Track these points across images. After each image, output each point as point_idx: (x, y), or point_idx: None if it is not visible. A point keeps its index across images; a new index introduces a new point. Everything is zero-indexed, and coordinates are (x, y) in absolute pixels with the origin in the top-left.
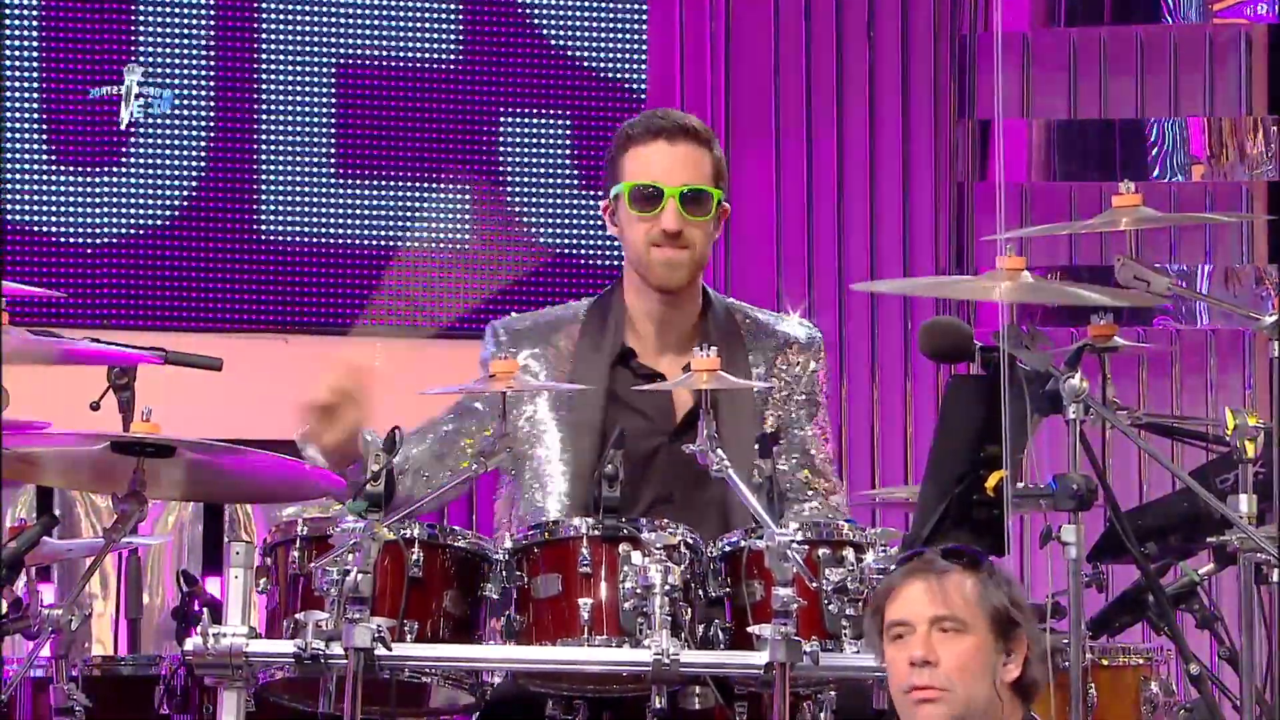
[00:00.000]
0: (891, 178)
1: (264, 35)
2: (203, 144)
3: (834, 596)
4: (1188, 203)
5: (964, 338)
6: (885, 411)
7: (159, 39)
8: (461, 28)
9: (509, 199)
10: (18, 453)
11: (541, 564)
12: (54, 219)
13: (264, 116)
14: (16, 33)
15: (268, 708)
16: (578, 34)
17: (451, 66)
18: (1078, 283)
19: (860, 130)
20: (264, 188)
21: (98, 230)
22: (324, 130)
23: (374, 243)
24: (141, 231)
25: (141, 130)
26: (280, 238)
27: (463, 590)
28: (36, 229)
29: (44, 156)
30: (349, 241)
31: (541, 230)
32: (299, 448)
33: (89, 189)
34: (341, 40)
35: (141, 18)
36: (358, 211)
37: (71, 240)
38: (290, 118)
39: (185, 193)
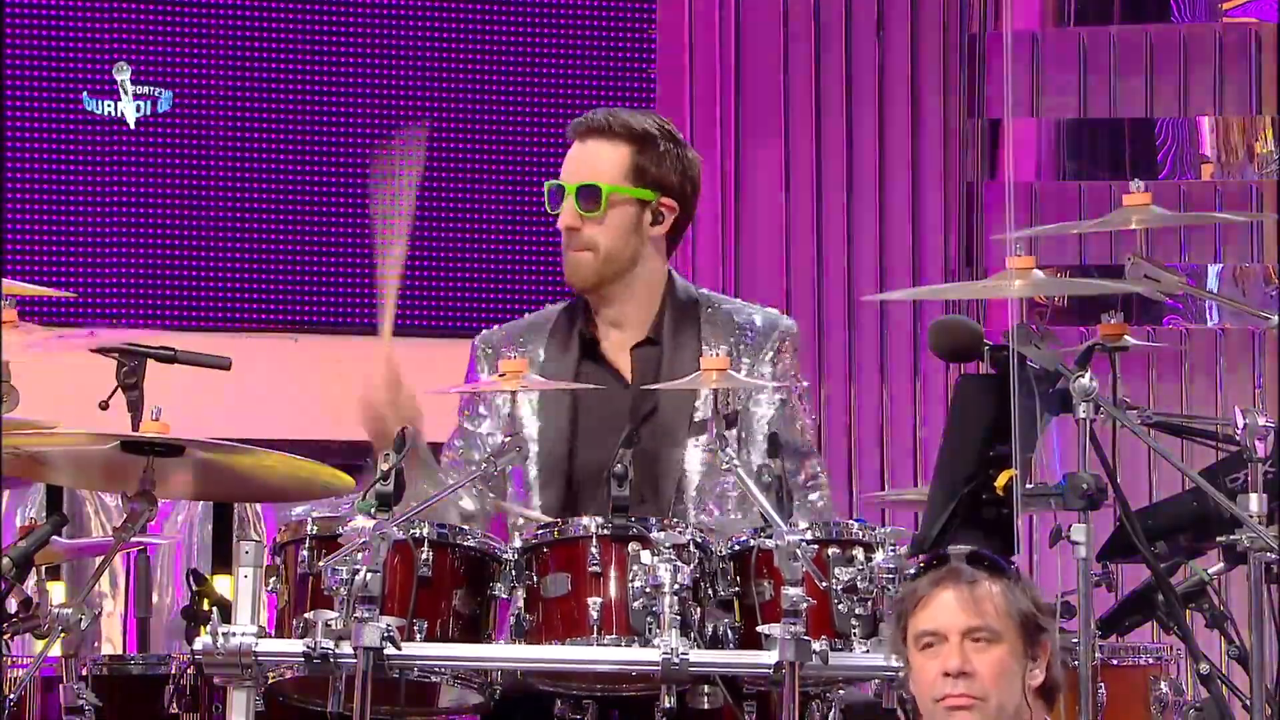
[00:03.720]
0: (901, 177)
1: (273, 34)
2: (211, 143)
3: (843, 596)
4: (1197, 202)
5: (974, 337)
6: (894, 411)
7: (169, 37)
8: (470, 26)
9: (517, 198)
10: (28, 452)
11: (551, 563)
12: (62, 219)
13: (273, 116)
14: (22, 30)
15: (277, 707)
16: (587, 34)
17: (458, 68)
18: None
19: (870, 129)
20: (273, 187)
21: (106, 230)
22: (332, 129)
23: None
24: (150, 231)
25: (150, 129)
26: (289, 237)
27: (472, 589)
28: (45, 229)
29: (51, 155)
30: (357, 241)
31: (549, 233)
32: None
33: (97, 188)
34: (350, 39)
35: (149, 15)
36: (366, 211)
37: (80, 240)
38: (300, 117)
39: (194, 192)
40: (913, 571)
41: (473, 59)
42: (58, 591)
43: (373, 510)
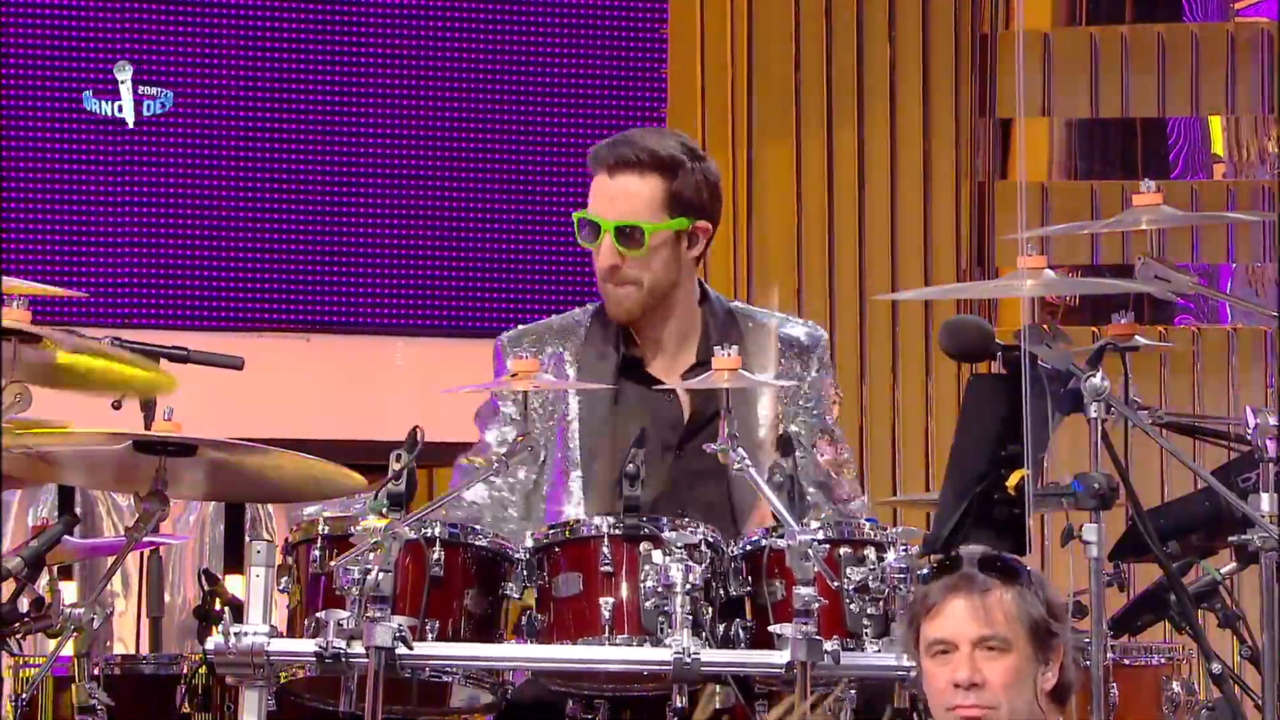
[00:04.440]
0: (912, 176)
1: (287, 34)
2: (224, 143)
3: (855, 596)
4: (1209, 202)
5: (985, 337)
6: (906, 411)
7: (180, 36)
8: (481, 28)
9: (529, 199)
10: (40, 452)
11: (562, 563)
12: (75, 219)
13: (286, 116)
14: (32, 31)
15: (289, 707)
16: (598, 34)
17: (471, 66)
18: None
19: (881, 129)
20: (285, 186)
21: (119, 230)
22: (345, 129)
23: (395, 242)
24: (163, 231)
25: (163, 129)
26: (302, 237)
27: (483, 589)
28: (58, 229)
29: (65, 156)
30: (370, 241)
31: (562, 232)
32: None
33: (110, 188)
34: (363, 38)
35: (160, 14)
36: (379, 211)
37: (93, 240)
38: (312, 117)
39: (207, 192)
40: (925, 572)
41: (484, 60)
42: (70, 591)
43: (385, 510)
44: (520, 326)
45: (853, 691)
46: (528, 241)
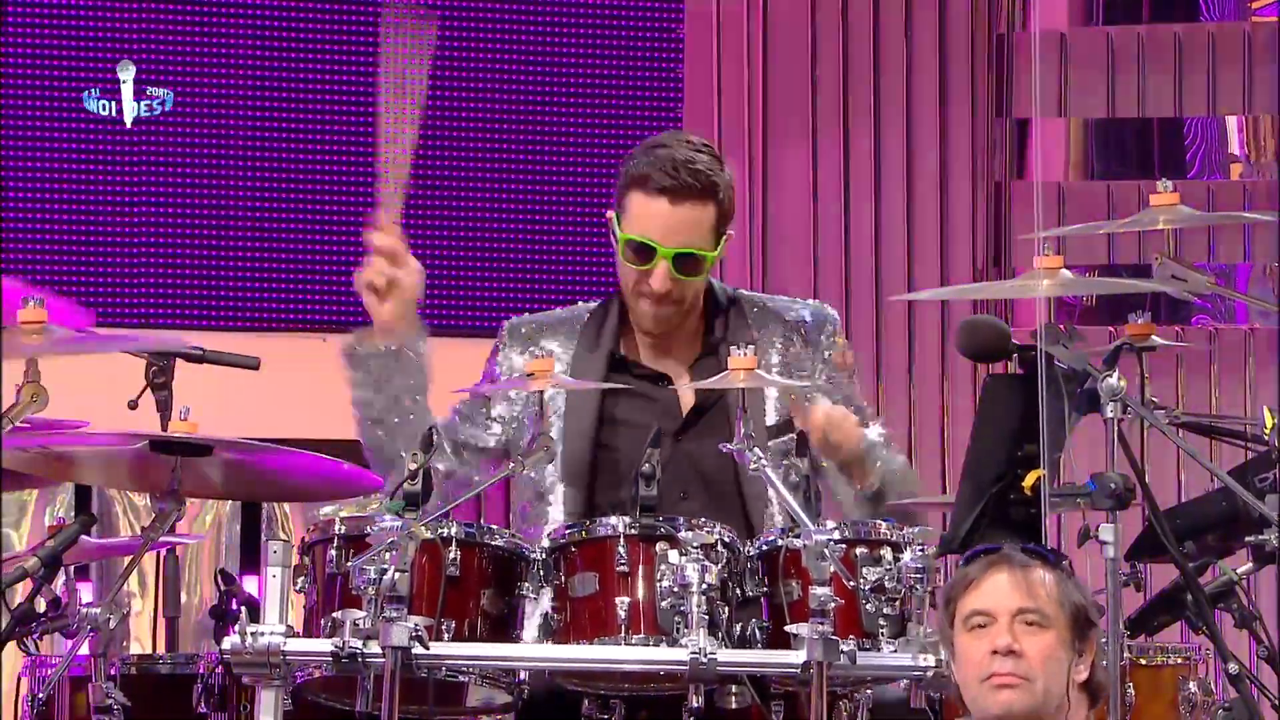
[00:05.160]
0: (929, 177)
1: (300, 32)
2: (238, 141)
3: (871, 595)
4: (1225, 201)
5: (1001, 337)
6: (922, 412)
7: (193, 34)
8: (496, 29)
9: (544, 200)
10: (56, 452)
11: (578, 563)
12: (91, 219)
13: (302, 115)
14: (42, 32)
15: (305, 707)
16: (614, 37)
17: (486, 67)
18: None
19: (897, 129)
20: (302, 186)
21: (135, 230)
22: (359, 128)
23: (409, 242)
24: (179, 231)
25: (178, 128)
26: (318, 236)
27: (500, 589)
28: (74, 229)
29: (78, 157)
30: None
31: (575, 231)
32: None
33: (126, 189)
34: (374, 37)
35: (173, 12)
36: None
37: (109, 240)
38: (328, 116)
39: (223, 191)
40: (963, 561)
41: (500, 62)
42: (86, 591)
43: (401, 510)
44: (527, 315)
45: (869, 692)
46: (541, 242)
